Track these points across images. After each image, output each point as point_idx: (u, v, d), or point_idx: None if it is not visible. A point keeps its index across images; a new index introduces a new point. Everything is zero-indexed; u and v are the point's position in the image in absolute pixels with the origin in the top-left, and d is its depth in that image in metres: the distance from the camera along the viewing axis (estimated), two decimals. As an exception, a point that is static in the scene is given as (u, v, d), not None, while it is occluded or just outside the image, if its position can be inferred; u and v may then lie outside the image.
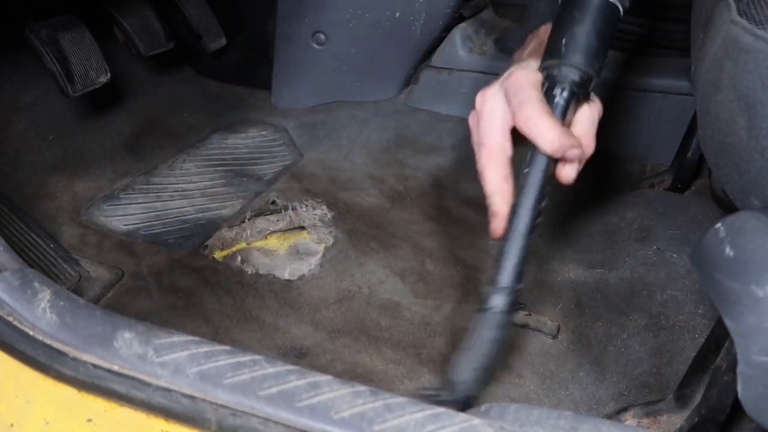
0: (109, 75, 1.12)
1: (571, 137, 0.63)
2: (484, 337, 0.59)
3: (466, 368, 0.58)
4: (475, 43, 1.32)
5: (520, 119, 0.64)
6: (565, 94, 0.64)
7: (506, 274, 0.60)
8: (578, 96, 0.65)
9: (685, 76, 1.15)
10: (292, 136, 1.29)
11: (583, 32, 0.64)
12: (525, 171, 0.64)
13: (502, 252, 0.62)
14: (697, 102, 0.61)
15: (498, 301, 0.59)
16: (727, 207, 0.55)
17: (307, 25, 1.28)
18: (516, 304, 0.60)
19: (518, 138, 0.68)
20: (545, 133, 0.62)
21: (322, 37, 1.29)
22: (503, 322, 0.59)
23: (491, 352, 0.59)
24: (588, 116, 0.67)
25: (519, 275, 0.61)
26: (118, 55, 1.30)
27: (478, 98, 0.70)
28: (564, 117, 0.64)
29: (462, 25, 1.33)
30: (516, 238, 0.62)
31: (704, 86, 0.56)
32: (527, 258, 0.62)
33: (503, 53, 1.31)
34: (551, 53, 0.66)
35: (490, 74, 1.28)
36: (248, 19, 1.42)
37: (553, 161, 0.64)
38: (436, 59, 1.32)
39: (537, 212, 0.63)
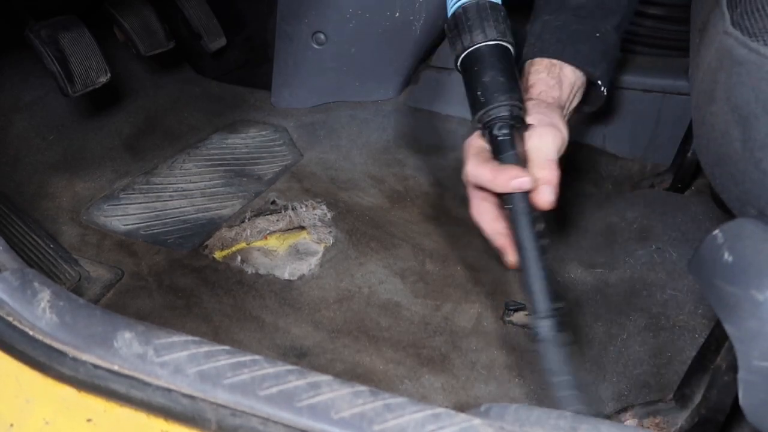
0: (109, 75, 1.12)
1: (509, 170, 0.66)
2: (554, 364, 0.60)
3: (566, 395, 0.59)
4: (475, 43, 1.32)
5: (471, 177, 0.70)
6: (503, 129, 0.68)
7: (540, 302, 0.63)
8: (515, 126, 0.69)
9: (684, 76, 1.15)
10: (292, 136, 1.29)
11: (489, 78, 0.69)
12: (507, 207, 0.67)
13: (526, 283, 0.64)
14: (692, 110, 0.61)
15: (545, 329, 0.61)
16: (726, 207, 0.55)
17: (307, 25, 1.28)
18: (561, 321, 0.62)
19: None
20: (485, 178, 0.67)
21: (322, 37, 1.29)
22: (559, 342, 0.61)
23: (567, 368, 0.60)
24: (544, 143, 0.70)
25: (550, 295, 0.63)
26: (118, 55, 1.30)
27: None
28: (514, 148, 0.68)
29: (462, 25, 1.33)
30: (531, 265, 0.64)
31: (699, 96, 0.56)
32: (550, 276, 0.64)
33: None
34: (474, 108, 0.71)
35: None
36: (248, 19, 1.42)
37: (522, 194, 0.66)
38: (436, 59, 1.32)
39: (537, 235, 0.65)
